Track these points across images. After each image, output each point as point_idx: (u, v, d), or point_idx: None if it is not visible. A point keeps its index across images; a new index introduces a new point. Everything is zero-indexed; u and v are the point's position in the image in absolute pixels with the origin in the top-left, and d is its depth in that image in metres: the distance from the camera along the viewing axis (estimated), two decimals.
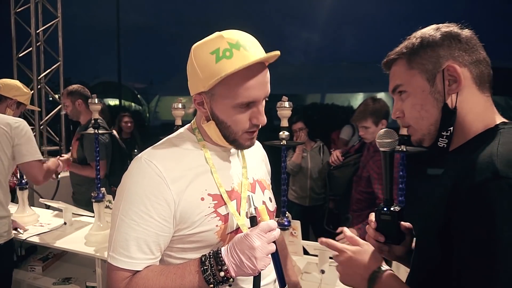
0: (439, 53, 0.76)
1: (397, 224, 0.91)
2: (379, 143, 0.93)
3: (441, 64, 0.76)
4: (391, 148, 0.92)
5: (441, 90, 0.76)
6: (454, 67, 0.74)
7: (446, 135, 0.78)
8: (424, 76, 0.77)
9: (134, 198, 0.87)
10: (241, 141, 0.94)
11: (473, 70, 0.75)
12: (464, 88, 0.75)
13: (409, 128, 0.83)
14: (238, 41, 0.86)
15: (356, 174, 2.32)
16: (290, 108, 1.57)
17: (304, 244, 1.82)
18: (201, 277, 0.83)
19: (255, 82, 0.87)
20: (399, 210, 0.91)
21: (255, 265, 0.81)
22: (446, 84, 0.75)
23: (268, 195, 1.09)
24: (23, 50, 5.21)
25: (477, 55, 0.76)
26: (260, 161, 1.15)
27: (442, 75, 0.76)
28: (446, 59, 0.76)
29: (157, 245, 0.89)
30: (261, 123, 0.92)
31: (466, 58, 0.75)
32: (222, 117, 0.91)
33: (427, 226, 0.76)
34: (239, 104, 0.88)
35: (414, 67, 0.78)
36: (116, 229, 0.89)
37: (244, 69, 0.84)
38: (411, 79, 0.79)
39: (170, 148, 0.96)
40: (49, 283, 2.06)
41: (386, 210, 0.91)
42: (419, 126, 0.80)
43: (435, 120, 0.78)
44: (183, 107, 1.82)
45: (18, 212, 2.31)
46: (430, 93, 0.77)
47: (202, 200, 0.91)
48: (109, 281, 0.89)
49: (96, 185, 2.04)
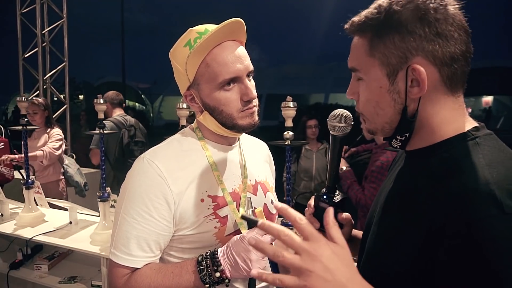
0: (407, 45, 0.62)
1: (336, 213, 0.84)
2: (330, 126, 0.83)
3: (407, 60, 0.63)
4: (342, 133, 0.83)
5: (401, 90, 0.64)
6: (419, 70, 0.62)
7: (400, 139, 0.69)
8: (384, 70, 0.65)
9: (136, 197, 0.89)
10: (240, 122, 0.94)
11: (444, 70, 0.63)
12: (429, 91, 0.64)
13: (362, 115, 0.73)
14: (206, 28, 0.92)
15: (365, 174, 2.33)
16: (295, 108, 1.57)
17: None
18: (197, 277, 0.84)
19: (231, 57, 0.90)
20: (339, 200, 0.85)
21: (250, 267, 0.81)
22: (408, 84, 0.64)
23: (270, 197, 1.08)
24: (29, 50, 5.25)
25: (454, 48, 0.62)
26: (264, 161, 1.15)
27: (405, 74, 0.63)
28: (414, 55, 0.62)
29: (157, 243, 0.91)
30: (251, 97, 0.92)
31: (439, 53, 0.62)
32: (213, 103, 0.93)
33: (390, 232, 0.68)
34: (223, 82, 0.90)
35: (375, 55, 0.65)
36: (118, 227, 0.91)
37: (217, 48, 0.89)
38: (369, 69, 0.67)
39: (172, 148, 0.97)
40: (54, 282, 2.07)
41: (325, 198, 0.85)
42: (372, 119, 0.70)
43: (391, 120, 0.68)
44: (187, 107, 1.83)
45: (24, 211, 2.33)
46: (388, 92, 0.66)
47: (202, 201, 0.92)
48: (110, 277, 0.92)
49: (101, 185, 2.05)
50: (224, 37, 0.90)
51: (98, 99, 1.97)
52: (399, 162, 0.82)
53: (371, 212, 0.82)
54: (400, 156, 0.86)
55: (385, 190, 0.78)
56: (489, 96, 17.67)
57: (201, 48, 0.88)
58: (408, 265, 0.62)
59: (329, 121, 0.84)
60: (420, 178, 0.67)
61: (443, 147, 0.66)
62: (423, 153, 0.68)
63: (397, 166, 0.81)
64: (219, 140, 1.00)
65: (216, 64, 0.89)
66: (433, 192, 0.62)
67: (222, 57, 0.89)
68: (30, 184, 2.36)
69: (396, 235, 0.67)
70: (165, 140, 1.02)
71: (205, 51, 0.89)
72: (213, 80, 0.90)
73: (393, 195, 0.73)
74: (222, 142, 1.01)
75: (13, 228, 2.20)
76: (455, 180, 0.60)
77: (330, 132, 0.84)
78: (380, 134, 0.72)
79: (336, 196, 0.86)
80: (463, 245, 0.55)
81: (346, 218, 0.88)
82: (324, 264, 0.54)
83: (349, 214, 0.88)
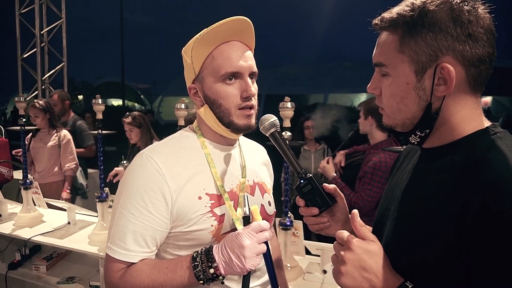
0: (439, 44, 0.64)
1: (321, 188, 0.87)
2: (264, 130, 0.93)
3: (437, 58, 0.64)
4: (275, 126, 0.93)
5: (427, 88, 0.66)
6: (449, 69, 0.63)
7: (420, 135, 0.71)
8: (413, 67, 0.66)
9: (134, 192, 0.90)
10: (236, 120, 0.95)
11: (471, 71, 0.65)
12: (454, 90, 0.65)
13: (383, 111, 0.75)
14: (216, 25, 0.94)
15: (358, 176, 2.33)
16: (293, 108, 1.58)
17: (306, 244, 1.82)
18: (191, 273, 0.85)
19: (236, 53, 0.93)
20: (312, 175, 0.88)
21: (244, 264, 0.82)
22: (435, 82, 0.65)
23: (267, 198, 1.09)
24: (28, 50, 5.25)
25: (482, 50, 0.64)
26: (262, 164, 1.16)
27: (433, 72, 0.65)
28: (444, 54, 0.64)
29: (153, 239, 0.91)
30: (250, 94, 0.94)
31: (468, 54, 0.63)
32: (213, 96, 0.94)
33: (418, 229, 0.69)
34: (224, 75, 0.92)
35: (405, 52, 0.66)
36: (115, 221, 0.92)
37: (225, 44, 0.93)
38: (397, 65, 0.68)
39: (172, 146, 0.99)
40: (53, 282, 2.07)
41: (303, 181, 0.88)
42: (393, 115, 0.72)
43: (413, 116, 0.69)
44: (186, 107, 1.83)
45: (23, 212, 2.33)
46: (414, 88, 0.67)
47: (199, 199, 0.93)
48: (105, 272, 0.93)
49: (100, 185, 2.05)
50: (232, 34, 0.92)
51: (96, 99, 1.98)
52: (406, 161, 0.84)
53: (382, 210, 0.83)
54: (405, 155, 0.87)
55: (399, 187, 0.79)
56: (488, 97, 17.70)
57: (208, 37, 0.91)
58: (434, 254, 0.63)
59: (263, 130, 0.94)
60: (442, 174, 0.68)
61: (464, 144, 0.68)
62: (443, 150, 0.70)
63: (406, 165, 0.82)
64: (218, 139, 1.01)
65: (221, 57, 0.92)
66: (460, 184, 0.63)
67: (228, 52, 0.92)
68: (29, 184, 2.36)
69: (419, 227, 0.68)
70: (165, 138, 1.04)
71: (212, 43, 0.92)
72: (216, 72, 0.92)
73: (411, 191, 0.75)
74: (222, 142, 1.02)
75: (12, 229, 2.20)
76: (485, 170, 0.61)
77: (268, 134, 0.93)
78: (398, 129, 0.74)
79: (308, 174, 0.89)
80: (498, 234, 0.56)
81: (332, 188, 0.90)
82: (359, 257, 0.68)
83: (334, 185, 0.91)
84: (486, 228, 0.57)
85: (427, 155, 0.75)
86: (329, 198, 0.88)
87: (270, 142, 0.96)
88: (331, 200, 0.89)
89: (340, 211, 0.91)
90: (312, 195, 0.88)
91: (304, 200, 0.89)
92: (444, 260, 0.62)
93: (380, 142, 2.22)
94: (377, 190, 2.11)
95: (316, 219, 0.90)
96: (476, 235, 0.58)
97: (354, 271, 0.67)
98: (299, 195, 0.89)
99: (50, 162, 3.30)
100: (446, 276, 0.63)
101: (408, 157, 0.84)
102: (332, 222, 0.91)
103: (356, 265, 0.67)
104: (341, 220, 0.91)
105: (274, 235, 1.29)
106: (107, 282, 0.92)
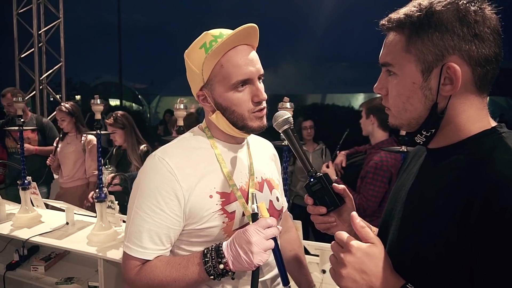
0: (445, 43, 0.64)
1: (331, 188, 0.89)
2: (278, 126, 0.94)
3: (444, 58, 0.65)
4: (289, 123, 0.94)
5: (434, 87, 0.67)
6: (455, 68, 0.64)
7: (426, 135, 0.71)
8: (420, 66, 0.67)
9: (147, 193, 0.94)
10: (250, 123, 0.98)
11: (477, 71, 0.65)
12: (460, 90, 0.66)
13: (389, 111, 0.76)
14: (221, 32, 0.96)
15: (360, 175, 2.33)
16: (292, 108, 1.58)
17: (305, 244, 1.83)
18: (202, 269, 0.88)
19: (244, 60, 0.94)
20: (322, 174, 0.89)
21: (252, 259, 0.84)
22: (441, 82, 0.66)
23: (276, 194, 1.11)
24: (25, 50, 5.24)
25: (489, 50, 0.64)
26: (270, 160, 1.19)
27: (440, 71, 0.65)
28: (451, 53, 0.64)
29: (168, 237, 0.95)
30: (262, 99, 0.97)
31: (474, 54, 0.64)
32: (225, 103, 0.96)
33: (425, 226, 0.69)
34: (236, 83, 0.94)
35: (412, 52, 0.67)
36: (131, 221, 0.96)
37: (231, 51, 0.93)
38: (404, 65, 0.69)
39: (182, 147, 1.02)
40: (51, 283, 2.06)
41: (313, 180, 0.89)
42: (399, 115, 0.73)
43: (419, 115, 0.70)
44: (185, 107, 1.83)
45: (21, 212, 2.32)
46: (421, 88, 0.68)
47: (210, 197, 0.96)
48: (123, 269, 0.98)
49: (98, 185, 2.05)
50: (238, 41, 0.94)
51: (95, 99, 1.97)
52: (413, 162, 0.84)
53: (387, 211, 0.84)
54: (412, 157, 0.88)
55: (405, 188, 0.79)
56: None
57: (218, 51, 0.92)
58: (437, 252, 0.64)
59: (276, 126, 0.94)
60: (447, 173, 0.69)
61: (470, 143, 0.68)
62: (449, 150, 0.70)
63: (413, 166, 0.83)
64: (227, 139, 1.04)
65: (230, 66, 0.93)
66: (464, 183, 0.63)
67: (236, 59, 0.93)
68: (27, 185, 2.35)
69: (423, 226, 0.68)
70: (176, 139, 1.07)
71: (220, 53, 0.93)
72: (226, 81, 0.94)
73: (416, 191, 0.75)
74: (231, 141, 1.05)
75: (10, 229, 2.20)
76: (488, 169, 0.61)
77: (281, 131, 0.94)
78: (404, 129, 0.75)
79: (319, 173, 0.90)
80: (501, 232, 0.56)
81: (341, 189, 0.90)
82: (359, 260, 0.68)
83: (344, 186, 0.91)
84: (489, 226, 0.58)
85: (433, 155, 0.75)
86: (338, 198, 0.89)
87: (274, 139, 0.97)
88: (339, 200, 0.90)
89: (347, 211, 0.91)
90: (321, 194, 0.89)
91: (312, 198, 0.90)
92: (447, 259, 0.63)
93: (381, 141, 2.23)
94: (379, 189, 2.12)
95: (323, 218, 0.91)
96: (479, 234, 0.59)
97: (355, 274, 0.68)
98: (308, 193, 0.91)
99: (75, 167, 3.28)
100: (449, 275, 0.63)
101: (415, 159, 0.85)
102: (339, 222, 0.92)
103: (356, 268, 0.68)
104: (348, 220, 0.91)
105: (294, 228, 1.32)
106: (125, 278, 0.96)
